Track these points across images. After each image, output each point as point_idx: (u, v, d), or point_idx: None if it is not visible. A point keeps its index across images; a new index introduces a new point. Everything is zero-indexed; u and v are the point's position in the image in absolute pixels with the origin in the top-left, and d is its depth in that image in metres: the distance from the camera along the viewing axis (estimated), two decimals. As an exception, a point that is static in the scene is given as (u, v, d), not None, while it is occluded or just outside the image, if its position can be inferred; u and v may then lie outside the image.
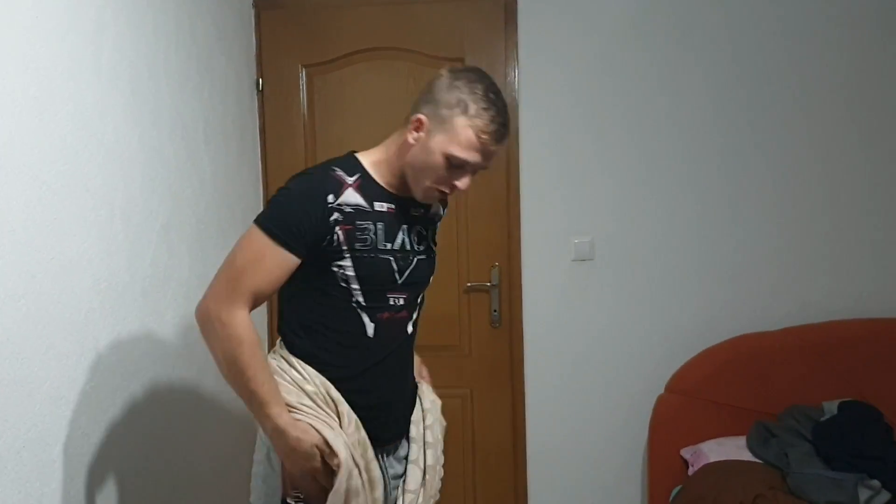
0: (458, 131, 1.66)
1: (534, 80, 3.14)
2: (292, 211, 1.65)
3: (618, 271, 3.18)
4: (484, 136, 1.66)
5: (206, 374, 2.50)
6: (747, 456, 2.68)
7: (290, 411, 1.66)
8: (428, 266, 1.89)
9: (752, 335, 3.05)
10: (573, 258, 3.19)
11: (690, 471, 2.77)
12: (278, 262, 1.64)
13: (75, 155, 1.80)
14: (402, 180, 1.78)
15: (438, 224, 1.99)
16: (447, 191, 1.75)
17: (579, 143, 3.15)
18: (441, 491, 1.99)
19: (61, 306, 1.73)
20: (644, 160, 3.13)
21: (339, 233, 1.67)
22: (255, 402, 1.64)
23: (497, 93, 1.70)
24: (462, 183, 1.73)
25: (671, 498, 2.83)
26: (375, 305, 1.76)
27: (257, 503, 1.79)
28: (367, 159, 1.79)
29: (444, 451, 2.00)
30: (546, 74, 3.13)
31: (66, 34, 1.77)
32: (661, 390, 3.07)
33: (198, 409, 2.46)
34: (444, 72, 1.74)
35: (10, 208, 1.56)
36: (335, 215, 1.67)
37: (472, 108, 1.65)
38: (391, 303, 1.78)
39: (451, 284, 3.18)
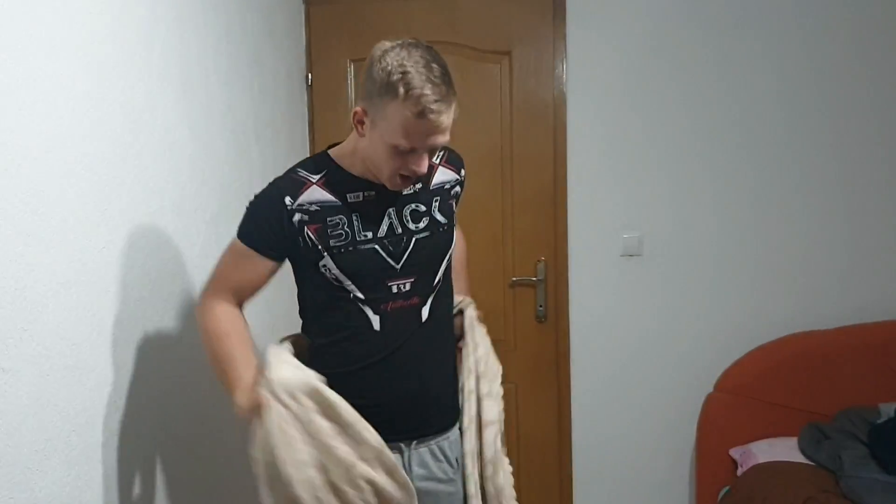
0: (394, 119, 1.56)
1: (582, 73, 3.11)
2: (254, 218, 1.76)
3: (667, 267, 3.14)
4: (421, 120, 1.54)
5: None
6: (798, 457, 2.63)
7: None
8: (433, 243, 1.78)
9: (807, 334, 2.98)
10: (622, 253, 3.16)
11: (739, 471, 2.73)
12: (252, 264, 1.76)
13: (127, 147, 1.84)
14: None
15: (456, 192, 1.89)
16: (409, 175, 1.66)
17: (629, 136, 3.11)
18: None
19: (111, 295, 1.77)
20: (696, 153, 3.08)
21: (309, 233, 1.69)
22: (220, 376, 1.77)
23: (429, 63, 1.55)
24: (420, 166, 1.63)
25: (719, 498, 2.79)
26: (376, 297, 1.73)
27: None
28: (339, 152, 1.79)
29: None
30: (595, 67, 3.11)
31: (118, 30, 1.81)
32: (711, 389, 3.02)
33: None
34: (373, 53, 1.61)
35: (63, 199, 1.60)
36: (297, 216, 1.70)
37: (401, 90, 1.52)
38: (395, 290, 1.74)
39: (496, 278, 3.18)
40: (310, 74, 3.24)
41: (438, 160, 1.85)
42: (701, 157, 3.08)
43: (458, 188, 1.90)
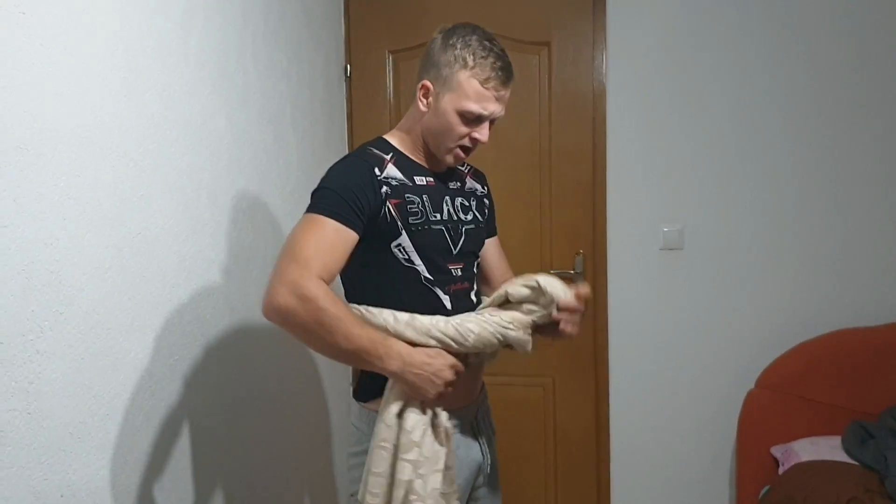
0: (464, 86, 1.67)
1: (622, 64, 3.06)
2: (343, 188, 1.62)
3: (708, 261, 3.07)
4: (489, 84, 1.67)
5: (289, 352, 2.55)
6: (842, 457, 2.55)
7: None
8: (477, 236, 1.88)
9: (853, 330, 2.90)
10: (661, 247, 3.10)
11: (781, 470, 2.66)
12: (341, 238, 1.59)
13: (163, 135, 1.85)
14: (429, 154, 1.80)
15: (488, 203, 1.99)
16: (470, 146, 1.75)
17: (669, 128, 3.05)
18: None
19: (146, 281, 1.78)
20: (738, 144, 3.01)
21: (391, 207, 1.67)
22: (363, 356, 1.56)
23: (491, 39, 1.71)
24: (482, 135, 1.73)
25: (760, 497, 2.72)
26: (442, 278, 1.75)
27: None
28: (395, 139, 1.81)
29: (524, 439, 1.97)
30: (635, 58, 3.05)
31: (154, 18, 1.82)
32: (752, 385, 2.95)
33: (279, 386, 2.51)
34: (436, 34, 1.75)
35: (98, 184, 1.62)
36: (384, 188, 1.67)
37: (471, 60, 1.67)
38: (454, 273, 1.78)
39: (533, 271, 3.13)
40: (348, 65, 3.23)
41: (465, 170, 1.96)
42: (742, 149, 3.01)
43: (486, 200, 1.98)
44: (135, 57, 1.75)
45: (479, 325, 1.66)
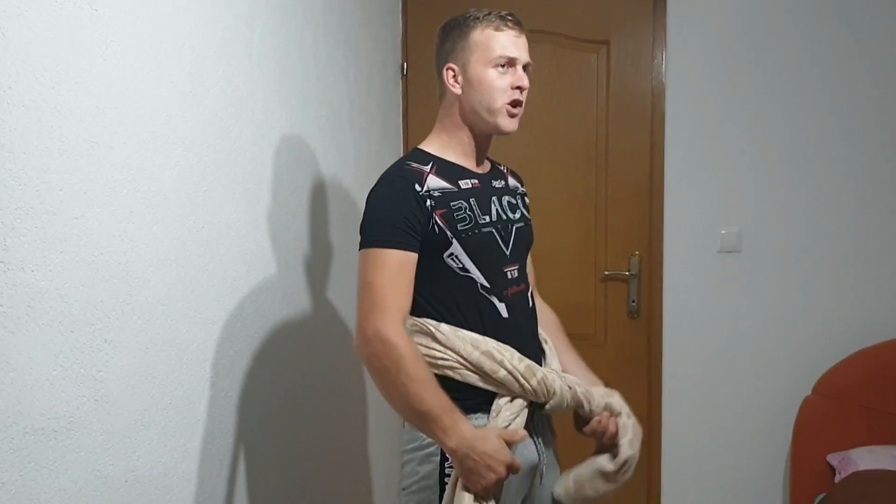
0: (482, 40, 1.75)
1: (682, 64, 3.03)
2: (391, 212, 1.66)
3: (766, 264, 3.02)
4: (503, 29, 1.75)
5: (345, 347, 2.58)
6: (902, 467, 2.49)
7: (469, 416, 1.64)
8: (528, 234, 1.89)
9: (916, 338, 2.83)
10: (719, 249, 3.06)
11: (837, 478, 2.60)
12: (407, 266, 1.65)
13: (226, 130, 1.89)
14: (471, 155, 1.81)
15: (527, 200, 1.99)
16: (519, 97, 1.77)
17: (729, 129, 3.01)
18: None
19: (209, 273, 1.82)
20: (798, 147, 2.96)
21: (438, 219, 1.67)
22: (427, 420, 1.59)
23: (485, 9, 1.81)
24: (523, 80, 1.76)
25: (815, 505, 2.67)
26: (499, 283, 1.74)
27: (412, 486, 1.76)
28: (432, 146, 1.82)
29: (575, 443, 2.00)
30: (695, 58, 3.02)
31: (219, 16, 1.85)
32: (809, 392, 2.90)
33: (335, 378, 2.53)
34: (438, 30, 1.87)
35: (164, 177, 1.65)
36: (429, 202, 1.68)
37: (476, 21, 1.77)
38: (509, 277, 1.77)
39: (587, 272, 3.13)
40: (405, 64, 3.25)
41: (505, 170, 1.97)
42: (801, 151, 2.95)
43: (526, 198, 1.98)
44: (200, 53, 1.78)
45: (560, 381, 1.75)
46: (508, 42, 1.75)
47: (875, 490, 2.38)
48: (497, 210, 1.79)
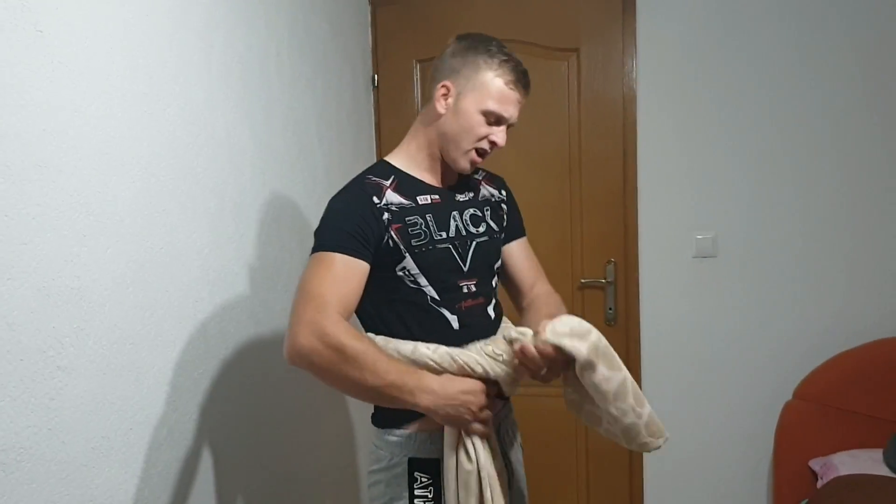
0: (489, 85, 1.69)
1: (653, 69, 3.01)
2: (346, 220, 1.62)
3: (743, 269, 3.00)
4: (513, 86, 1.70)
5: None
6: (883, 470, 2.47)
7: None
8: (491, 246, 1.83)
9: (894, 339, 2.81)
10: (695, 255, 3.04)
11: (819, 483, 2.58)
12: (352, 270, 1.59)
13: (185, 148, 1.86)
14: (437, 169, 1.78)
15: (507, 207, 1.93)
16: (487, 149, 1.74)
17: (702, 134, 2.99)
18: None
19: (168, 295, 1.78)
20: (774, 150, 2.93)
21: (393, 233, 1.65)
22: (393, 391, 1.53)
23: (507, 49, 1.74)
24: (500, 138, 1.73)
25: (798, 511, 2.66)
26: (451, 296, 1.72)
27: None
28: (398, 159, 1.79)
29: (556, 452, 1.97)
30: (666, 63, 3.00)
31: (174, 33, 1.83)
32: (789, 396, 2.88)
33: (303, 402, 2.50)
34: (451, 40, 1.77)
35: (119, 199, 1.62)
36: (385, 215, 1.66)
37: (495, 63, 1.69)
38: (465, 291, 1.74)
39: (564, 281, 3.11)
40: (376, 76, 3.23)
41: (480, 177, 1.93)
42: (778, 153, 2.94)
43: (503, 205, 1.94)
44: (155, 71, 1.75)
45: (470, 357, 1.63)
46: (510, 102, 1.71)
47: (857, 495, 2.35)
48: (457, 225, 1.77)
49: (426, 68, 3.22)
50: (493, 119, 1.71)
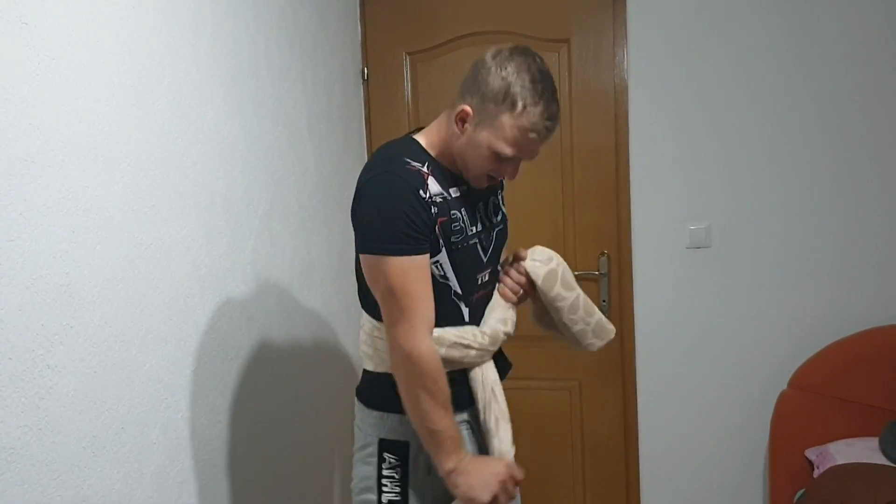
0: (505, 129, 1.59)
1: (645, 59, 3.00)
2: (404, 217, 1.57)
3: (737, 259, 3.00)
4: (531, 135, 1.60)
5: (307, 362, 2.53)
6: (879, 459, 2.47)
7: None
8: (505, 233, 1.87)
9: (888, 328, 2.81)
10: (688, 245, 3.03)
11: (816, 473, 2.58)
12: (426, 270, 1.62)
13: (174, 142, 1.83)
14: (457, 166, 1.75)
15: (501, 193, 1.93)
16: (498, 177, 1.72)
17: (694, 124, 2.98)
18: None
19: (160, 291, 1.76)
20: (765, 139, 2.93)
21: (438, 227, 1.63)
22: (437, 437, 1.62)
23: (546, 79, 1.60)
24: (513, 174, 1.70)
25: (794, 501, 2.66)
26: (470, 289, 1.74)
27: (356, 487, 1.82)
28: (430, 144, 1.72)
29: (552, 443, 2.04)
30: (657, 53, 2.99)
31: (162, 25, 1.80)
32: (784, 386, 2.88)
33: (297, 395, 2.48)
34: (488, 56, 1.62)
35: (108, 195, 1.59)
36: (433, 209, 1.62)
37: (520, 104, 1.57)
38: (479, 282, 1.76)
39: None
40: (365, 68, 3.21)
41: None
42: (771, 143, 2.93)
43: (502, 182, 1.92)
44: (143, 64, 1.72)
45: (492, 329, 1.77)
46: (527, 149, 1.63)
47: (853, 483, 2.35)
48: (481, 217, 1.76)
49: (416, 61, 3.19)
50: (504, 159, 1.63)
